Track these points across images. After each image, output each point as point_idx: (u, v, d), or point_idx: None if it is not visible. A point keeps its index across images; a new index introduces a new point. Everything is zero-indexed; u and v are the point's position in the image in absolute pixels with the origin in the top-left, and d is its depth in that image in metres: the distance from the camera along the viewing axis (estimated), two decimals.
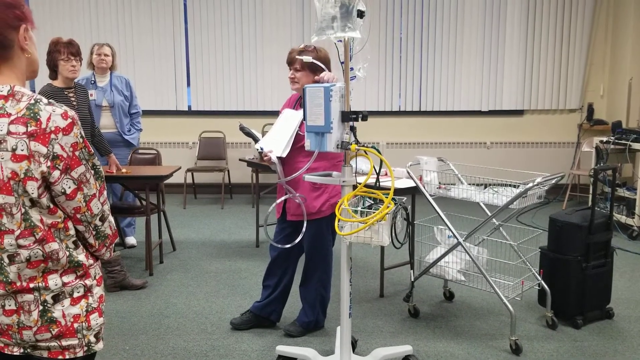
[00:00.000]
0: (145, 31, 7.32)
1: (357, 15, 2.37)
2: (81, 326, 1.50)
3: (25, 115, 1.37)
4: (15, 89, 1.41)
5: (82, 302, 1.50)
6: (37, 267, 1.43)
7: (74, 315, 1.48)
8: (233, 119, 7.10)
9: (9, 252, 1.41)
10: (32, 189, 1.38)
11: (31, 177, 1.37)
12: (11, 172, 1.37)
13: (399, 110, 7.47)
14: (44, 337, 1.46)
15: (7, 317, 1.44)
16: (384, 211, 2.36)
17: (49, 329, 1.46)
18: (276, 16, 7.29)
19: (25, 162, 1.36)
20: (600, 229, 3.51)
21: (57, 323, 1.46)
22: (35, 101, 1.40)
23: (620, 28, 6.99)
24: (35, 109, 1.38)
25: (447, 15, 7.25)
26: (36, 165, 1.37)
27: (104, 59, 4.85)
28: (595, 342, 3.31)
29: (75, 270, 1.49)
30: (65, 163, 1.40)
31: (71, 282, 1.48)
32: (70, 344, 1.48)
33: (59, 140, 1.39)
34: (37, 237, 1.41)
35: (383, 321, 3.60)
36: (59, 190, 1.42)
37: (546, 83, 7.34)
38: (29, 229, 1.40)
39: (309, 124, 2.53)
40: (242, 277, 4.42)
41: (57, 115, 1.39)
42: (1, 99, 1.39)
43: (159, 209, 4.76)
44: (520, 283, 3.36)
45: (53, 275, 1.46)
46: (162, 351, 3.22)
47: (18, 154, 1.36)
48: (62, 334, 1.47)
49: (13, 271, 1.42)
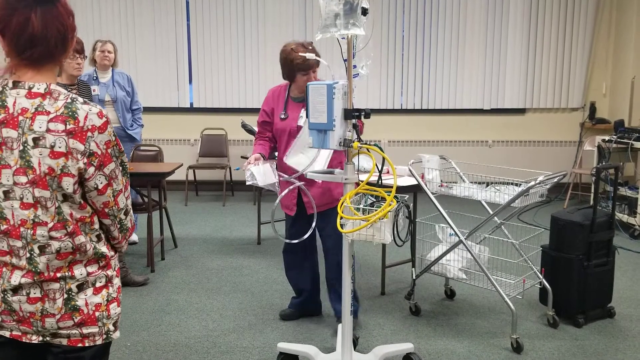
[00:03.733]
0: (147, 28, 7.32)
1: (361, 13, 2.37)
2: (102, 315, 1.55)
3: (63, 113, 1.42)
4: (52, 87, 1.45)
5: (103, 292, 1.56)
6: (66, 258, 1.48)
7: (95, 304, 1.54)
8: (235, 116, 7.09)
9: (40, 243, 1.45)
10: (68, 185, 1.44)
11: (67, 173, 1.43)
12: (48, 167, 1.41)
13: (401, 108, 7.46)
14: (66, 324, 1.50)
15: (31, 304, 1.48)
16: (386, 209, 2.36)
17: (71, 317, 1.50)
18: (278, 13, 7.28)
19: (62, 159, 1.42)
20: (602, 227, 3.51)
21: (79, 311, 1.51)
22: (72, 100, 1.45)
23: (623, 26, 6.97)
24: (73, 108, 1.43)
25: (449, 13, 7.24)
26: (74, 162, 1.43)
27: (108, 56, 4.85)
28: (596, 341, 3.31)
29: (98, 261, 1.55)
30: (100, 160, 1.47)
31: (94, 272, 1.54)
32: (91, 331, 1.53)
33: (95, 138, 1.44)
34: (68, 230, 1.47)
35: (384, 319, 3.61)
36: (92, 185, 1.48)
37: (548, 81, 7.33)
38: (62, 222, 1.46)
39: (311, 121, 2.53)
40: (243, 274, 4.43)
41: (94, 114, 1.45)
42: (39, 97, 1.43)
43: (160, 205, 4.77)
44: (521, 281, 3.36)
45: (78, 265, 1.51)
46: (163, 347, 3.22)
47: (56, 151, 1.41)
48: (84, 322, 1.52)
49: (43, 262, 1.46)
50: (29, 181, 1.42)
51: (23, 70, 1.45)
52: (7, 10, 1.40)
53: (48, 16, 1.42)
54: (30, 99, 1.42)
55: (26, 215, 1.44)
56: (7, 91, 1.43)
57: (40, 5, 1.41)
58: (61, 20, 1.45)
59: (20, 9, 1.40)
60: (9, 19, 1.40)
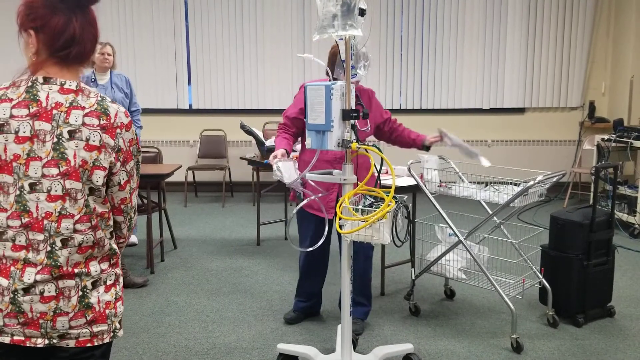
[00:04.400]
0: (146, 29, 7.32)
1: (358, 14, 2.37)
2: (111, 312, 1.58)
3: (97, 109, 1.49)
4: (82, 85, 1.52)
5: (112, 290, 1.59)
6: (85, 252, 1.51)
7: (106, 302, 1.57)
8: (234, 117, 7.10)
9: (63, 236, 1.47)
10: (98, 178, 1.49)
11: (99, 167, 1.49)
12: (82, 160, 1.47)
13: (400, 108, 7.46)
14: (78, 322, 1.52)
15: (44, 303, 1.48)
16: (384, 209, 2.36)
17: (84, 315, 1.52)
18: (277, 14, 7.28)
19: (95, 152, 1.48)
20: (601, 227, 3.51)
21: (92, 309, 1.53)
22: (102, 98, 1.53)
23: (621, 25, 6.98)
24: (105, 105, 1.51)
25: (448, 13, 7.24)
26: (107, 156, 1.49)
27: (107, 59, 4.84)
28: (596, 341, 3.31)
29: (110, 258, 1.58)
30: (124, 156, 1.54)
31: (107, 269, 1.57)
32: (101, 329, 1.56)
33: (122, 135, 1.52)
34: (92, 224, 1.51)
35: (384, 319, 3.60)
36: (117, 181, 1.54)
37: (547, 81, 7.33)
38: (88, 215, 1.50)
39: (309, 122, 2.53)
40: (243, 275, 4.43)
41: (122, 113, 1.53)
42: (72, 93, 1.49)
43: (160, 207, 4.77)
44: (521, 281, 3.36)
45: (93, 262, 1.54)
46: (163, 349, 3.22)
47: (91, 144, 1.47)
48: (95, 320, 1.54)
49: (64, 255, 1.48)
50: (60, 173, 1.45)
51: (52, 68, 1.50)
52: (48, 10, 1.47)
53: (85, 21, 1.51)
54: (63, 94, 1.48)
55: (52, 208, 1.46)
56: (38, 86, 1.48)
57: (80, 10, 1.50)
58: (94, 26, 1.55)
59: (62, 10, 1.47)
60: (49, 18, 1.46)
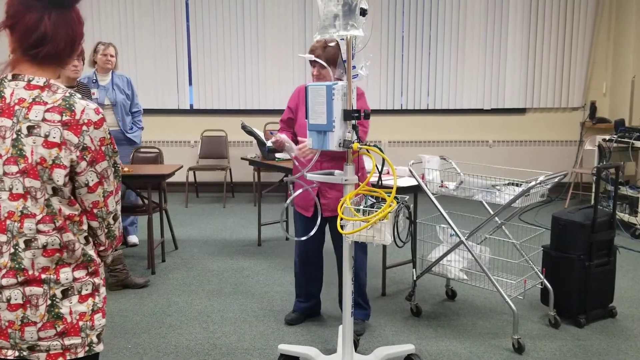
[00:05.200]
0: (147, 30, 7.32)
1: (359, 14, 2.36)
2: (85, 325, 1.50)
3: (61, 105, 1.43)
4: (51, 81, 1.48)
5: (89, 301, 1.51)
6: (52, 256, 1.44)
7: (80, 313, 1.49)
8: (235, 118, 7.10)
9: (26, 237, 1.42)
10: (58, 177, 1.42)
11: (59, 165, 1.42)
12: (40, 157, 1.41)
13: (401, 109, 7.46)
14: (47, 334, 1.44)
15: (12, 311, 1.42)
16: (386, 210, 2.36)
17: (54, 326, 1.45)
18: (278, 15, 7.28)
19: (55, 150, 1.41)
20: (603, 227, 3.50)
21: (63, 320, 1.46)
22: (70, 94, 1.47)
23: (623, 26, 6.97)
24: (71, 101, 1.45)
25: (449, 13, 7.24)
26: (67, 153, 1.42)
27: (110, 60, 4.84)
28: (598, 341, 3.30)
29: (87, 266, 1.51)
30: (92, 156, 1.46)
31: (82, 277, 1.50)
32: (73, 342, 1.47)
33: (90, 132, 1.45)
34: (56, 225, 1.44)
35: (385, 320, 3.60)
36: (83, 181, 1.46)
37: (549, 81, 7.33)
38: (50, 215, 1.44)
39: (311, 122, 2.53)
40: (244, 275, 4.42)
41: (91, 110, 1.46)
42: (37, 89, 1.45)
43: (161, 207, 4.76)
44: (522, 282, 3.35)
45: (65, 269, 1.47)
46: (164, 350, 3.22)
47: (50, 141, 1.41)
48: (67, 332, 1.46)
49: (28, 257, 1.42)
50: (19, 170, 1.40)
51: (25, 66, 1.47)
52: (22, 7, 1.44)
53: (60, 20, 1.47)
54: (28, 90, 1.44)
55: (14, 207, 1.41)
56: (5, 82, 1.45)
57: (55, 8, 1.46)
58: (72, 26, 1.50)
59: (36, 8, 1.44)
60: (22, 16, 1.44)
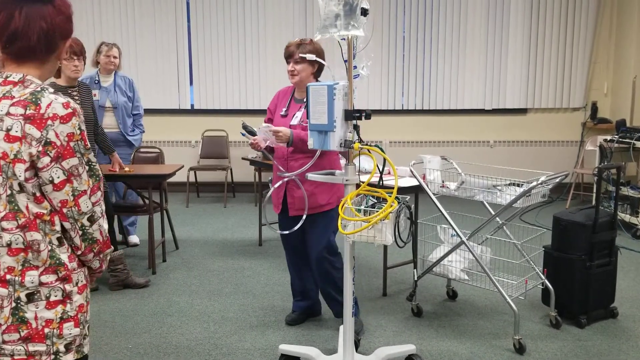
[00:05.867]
0: (148, 30, 7.32)
1: (360, 13, 2.36)
2: (52, 332, 1.45)
3: (27, 99, 1.41)
4: (27, 77, 1.46)
5: (58, 308, 1.46)
6: (17, 255, 1.41)
7: (46, 320, 1.44)
8: (236, 118, 7.09)
9: None
10: (20, 172, 1.39)
11: (20, 159, 1.38)
12: (2, 152, 1.39)
13: (402, 109, 7.46)
14: (11, 337, 1.42)
15: None
16: (387, 210, 2.36)
17: (18, 330, 1.42)
18: (279, 14, 7.28)
19: (17, 144, 1.38)
20: (604, 228, 3.50)
21: (27, 324, 1.43)
22: (41, 89, 1.44)
23: (624, 26, 6.96)
24: (38, 95, 1.42)
25: (450, 13, 7.23)
26: (26, 147, 1.38)
27: (113, 61, 4.84)
28: (599, 342, 3.30)
29: (56, 270, 1.45)
30: (58, 151, 1.40)
31: (50, 282, 1.45)
32: (37, 349, 1.44)
33: (55, 127, 1.40)
34: (19, 223, 1.41)
35: (386, 320, 3.60)
36: (47, 177, 1.41)
37: (550, 81, 7.32)
38: (13, 212, 1.40)
39: (312, 122, 2.52)
40: (245, 275, 4.42)
41: (58, 103, 1.41)
42: (10, 84, 1.44)
43: (161, 207, 4.76)
44: (523, 282, 3.35)
45: (32, 272, 1.43)
46: (165, 350, 3.22)
47: (12, 135, 1.38)
48: (31, 337, 1.43)
49: None
50: None
51: (8, 64, 1.47)
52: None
53: (33, 14, 1.44)
54: (3, 86, 1.44)
55: None
56: None
57: (27, 4, 1.44)
58: (48, 20, 1.46)
59: (8, 4, 1.43)
60: None
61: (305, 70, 3.17)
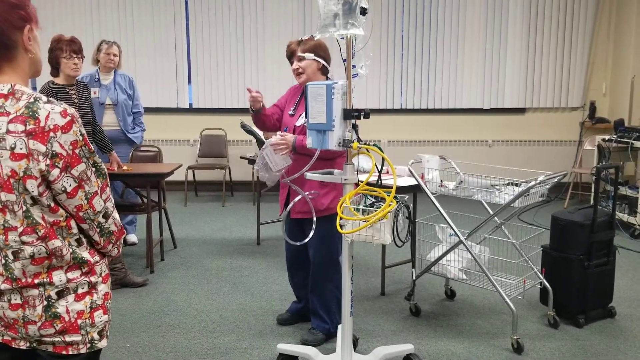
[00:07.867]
0: (146, 28, 7.31)
1: (359, 13, 2.36)
2: (85, 322, 1.50)
3: (24, 113, 1.37)
4: (16, 87, 1.41)
5: (86, 299, 1.51)
6: (42, 263, 1.44)
7: (77, 312, 1.49)
8: (234, 117, 7.06)
9: (13, 249, 1.42)
10: (32, 187, 1.39)
11: (30, 176, 1.38)
12: (11, 170, 1.37)
13: (401, 108, 7.46)
14: (47, 332, 1.47)
15: (13, 311, 1.46)
16: (385, 209, 2.35)
17: (52, 325, 1.47)
18: (277, 13, 7.27)
19: (24, 161, 1.37)
20: (602, 227, 3.50)
21: (60, 318, 1.47)
22: (34, 100, 1.40)
23: (622, 26, 6.97)
24: (34, 108, 1.38)
25: (449, 13, 7.23)
26: (35, 164, 1.37)
27: (113, 59, 4.84)
28: (597, 341, 3.30)
29: (80, 267, 1.50)
30: (65, 161, 1.40)
31: (76, 278, 1.49)
32: (74, 340, 1.49)
33: (58, 138, 1.38)
34: (39, 234, 1.42)
35: (384, 319, 3.60)
36: (60, 188, 1.42)
37: (548, 81, 7.33)
38: (32, 226, 1.42)
39: (310, 121, 2.52)
40: (243, 274, 4.42)
41: (56, 114, 1.39)
42: (1, 98, 1.40)
43: (160, 206, 4.76)
44: (522, 282, 3.35)
45: (58, 272, 1.47)
46: (163, 349, 3.21)
47: (17, 153, 1.37)
48: (66, 330, 1.48)
49: (17, 267, 1.43)
50: None
51: None
52: None
53: None
54: None
55: None
56: None
57: None
58: None
59: None
60: None
61: (310, 66, 3.12)
